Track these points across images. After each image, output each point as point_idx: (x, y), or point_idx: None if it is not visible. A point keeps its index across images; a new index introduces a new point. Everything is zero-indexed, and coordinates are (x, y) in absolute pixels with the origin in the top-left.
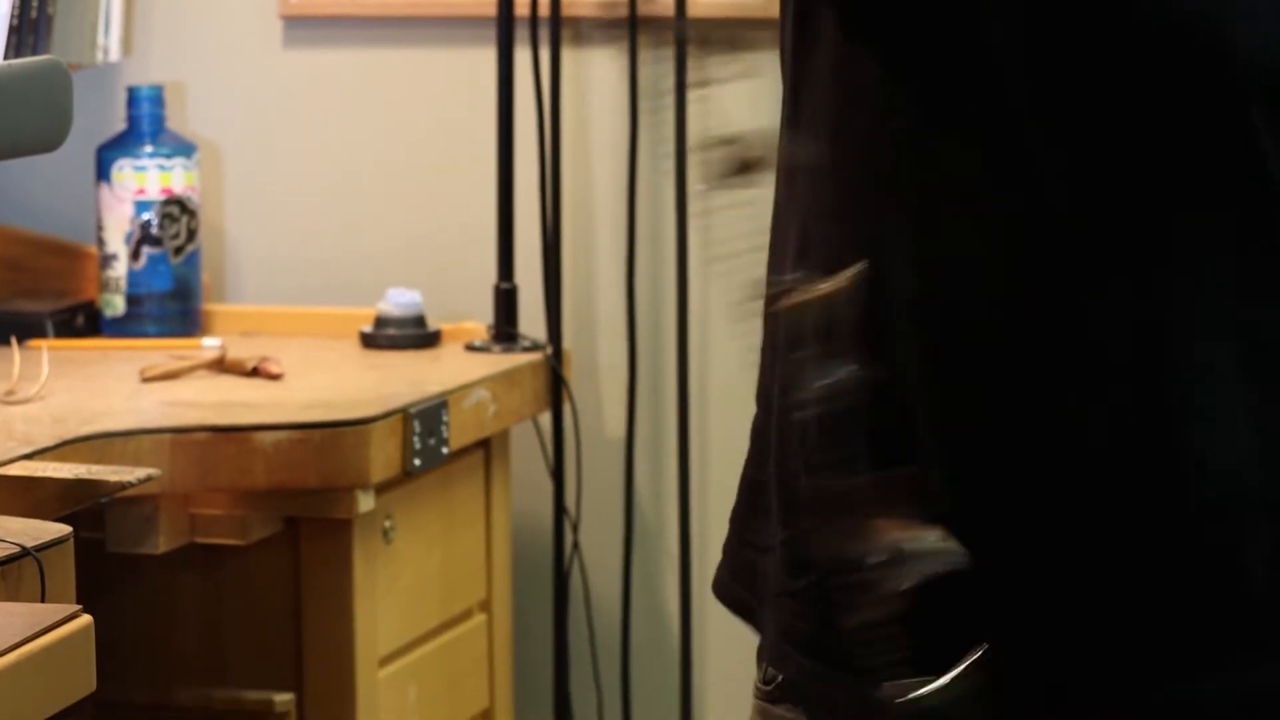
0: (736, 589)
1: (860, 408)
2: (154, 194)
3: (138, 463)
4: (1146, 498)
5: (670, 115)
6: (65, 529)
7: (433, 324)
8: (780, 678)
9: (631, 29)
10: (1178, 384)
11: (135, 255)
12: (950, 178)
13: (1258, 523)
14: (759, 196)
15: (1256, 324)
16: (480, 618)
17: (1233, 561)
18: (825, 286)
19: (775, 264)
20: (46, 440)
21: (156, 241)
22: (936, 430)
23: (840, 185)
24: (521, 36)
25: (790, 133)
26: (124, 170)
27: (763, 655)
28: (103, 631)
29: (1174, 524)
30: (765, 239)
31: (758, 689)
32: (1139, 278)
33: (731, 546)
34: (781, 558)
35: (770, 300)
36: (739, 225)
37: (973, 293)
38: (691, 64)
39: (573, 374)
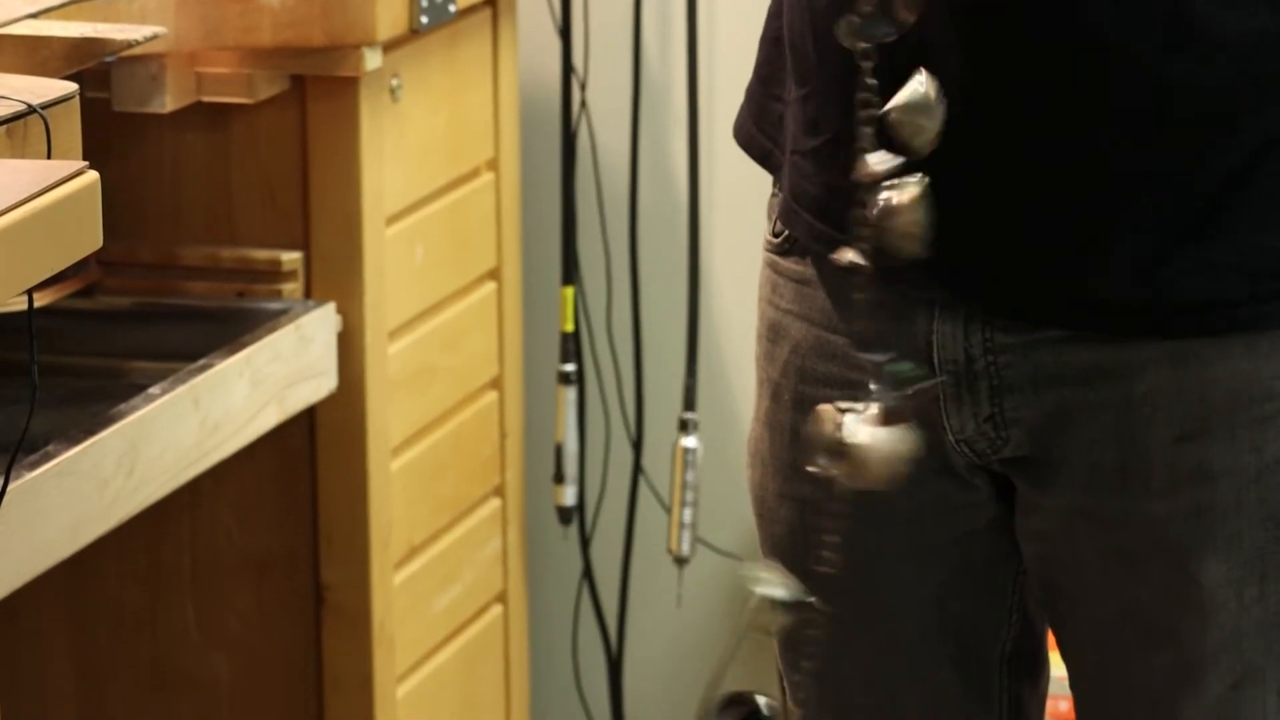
0: (759, 137)
1: None
2: None
3: (143, 21)
4: (1160, 73)
5: None
6: (71, 86)
7: None
8: (788, 232)
9: None
10: None
11: None
12: None
13: (1270, 101)
14: None
15: None
16: (488, 176)
17: (1242, 139)
18: None
19: None
20: None
21: None
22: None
23: None
24: None
25: None
26: None
27: (773, 211)
28: (110, 191)
29: (1191, 97)
30: None
31: (768, 242)
32: None
33: (756, 94)
34: (796, 115)
35: None
36: None
37: None
38: None
39: None
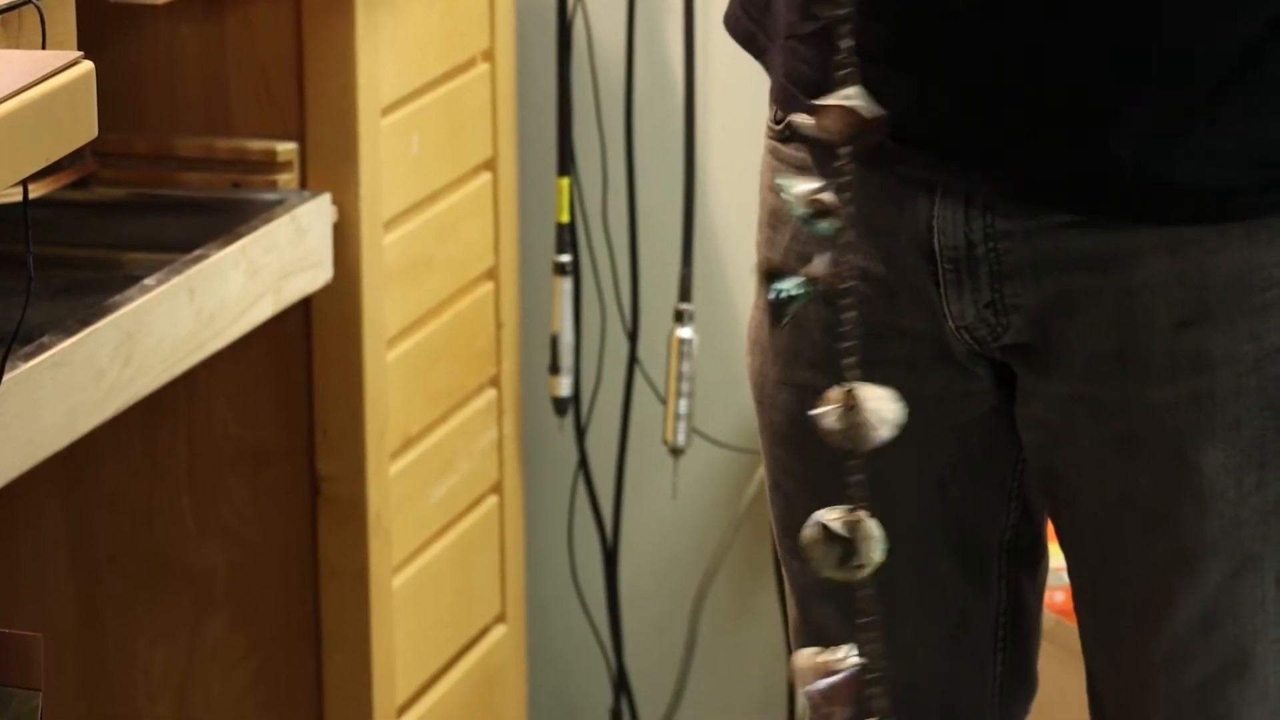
0: (749, 24)
1: None
2: None
3: None
4: None
5: None
6: None
7: None
8: (788, 118)
9: None
10: None
11: None
12: None
13: None
14: None
15: None
16: (483, 66)
17: (1244, 25)
18: None
19: None
20: None
21: None
22: None
23: None
24: None
25: None
26: None
27: (772, 97)
28: (105, 82)
29: None
30: None
31: (769, 129)
32: None
33: None
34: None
35: None
36: None
37: None
38: None
39: None
